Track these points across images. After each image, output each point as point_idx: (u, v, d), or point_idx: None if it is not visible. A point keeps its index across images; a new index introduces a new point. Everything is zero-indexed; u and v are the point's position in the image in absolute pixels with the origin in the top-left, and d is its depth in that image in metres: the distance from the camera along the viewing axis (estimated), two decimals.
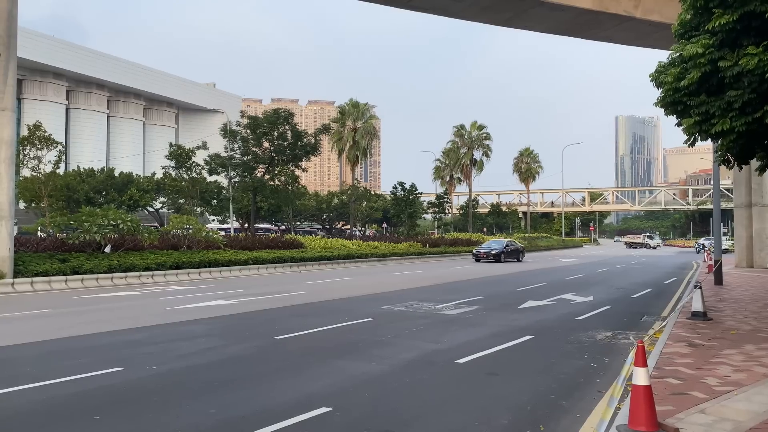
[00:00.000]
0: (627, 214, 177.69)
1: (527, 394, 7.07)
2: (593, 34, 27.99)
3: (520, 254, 41.08)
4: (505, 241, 41.39)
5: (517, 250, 40.88)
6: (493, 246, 39.66)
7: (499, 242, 41.37)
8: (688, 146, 11.50)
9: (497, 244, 40.01)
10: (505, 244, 40.05)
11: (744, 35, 9.22)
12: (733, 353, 8.71)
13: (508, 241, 41.69)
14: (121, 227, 24.26)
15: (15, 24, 19.55)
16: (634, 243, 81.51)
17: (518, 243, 43.91)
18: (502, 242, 41.05)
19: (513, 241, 43.30)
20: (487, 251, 38.08)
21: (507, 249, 39.35)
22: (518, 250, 40.93)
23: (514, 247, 40.98)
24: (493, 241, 42.59)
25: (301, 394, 6.97)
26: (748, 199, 30.47)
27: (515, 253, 40.26)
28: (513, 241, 43.30)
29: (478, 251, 38.68)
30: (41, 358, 8.90)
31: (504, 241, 42.20)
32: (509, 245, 40.41)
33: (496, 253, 37.70)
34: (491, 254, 37.56)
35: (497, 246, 39.45)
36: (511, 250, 40.02)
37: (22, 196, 42.17)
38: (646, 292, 19.62)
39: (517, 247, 41.60)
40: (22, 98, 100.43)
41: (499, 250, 38.38)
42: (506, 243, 40.57)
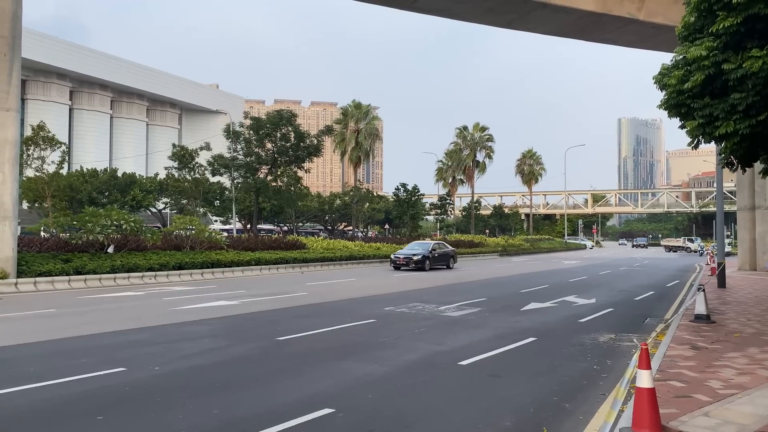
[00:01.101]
0: (629, 217, 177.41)
1: (530, 396, 7.07)
2: (596, 37, 27.98)
3: (451, 260, 34.30)
4: (430, 244, 34.17)
5: (446, 254, 34.19)
6: (416, 250, 32.40)
7: (423, 245, 34.20)
8: (692, 148, 11.48)
9: (421, 248, 32.86)
10: (431, 248, 32.91)
11: (748, 38, 9.21)
12: (737, 356, 8.69)
13: (435, 243, 34.76)
14: (124, 228, 24.29)
15: (19, 25, 19.60)
16: (674, 247, 74.92)
17: (448, 246, 36.61)
18: (428, 245, 33.88)
19: (443, 243, 36.57)
20: (408, 257, 31.15)
21: (433, 253, 32.51)
22: (448, 255, 34.31)
23: (443, 251, 34.12)
24: (416, 244, 35.35)
25: (304, 395, 6.97)
26: (751, 202, 30.39)
27: (444, 258, 33.66)
28: (443, 243, 36.57)
29: (397, 257, 31.63)
30: (44, 357, 8.92)
31: (429, 243, 34.92)
32: (437, 248, 33.55)
33: (418, 259, 30.82)
34: (412, 260, 30.74)
35: (421, 250, 32.34)
36: (440, 254, 33.33)
37: (26, 197, 42.25)
38: (648, 295, 19.59)
39: (447, 250, 34.75)
40: (26, 99, 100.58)
41: (423, 254, 31.42)
42: (432, 246, 33.46)
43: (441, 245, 34.97)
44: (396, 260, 31.37)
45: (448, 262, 33.87)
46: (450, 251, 34.88)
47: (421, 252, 31.73)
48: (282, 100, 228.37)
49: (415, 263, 30.68)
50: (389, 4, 25.27)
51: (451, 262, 34.18)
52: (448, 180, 76.81)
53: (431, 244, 34.19)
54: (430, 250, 32.38)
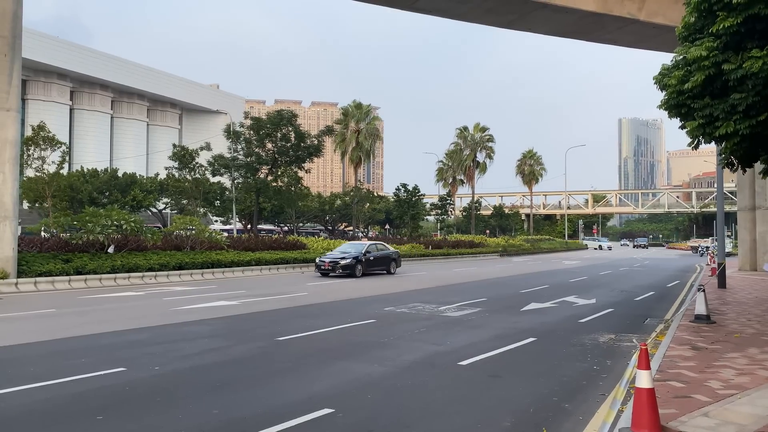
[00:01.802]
0: (630, 217, 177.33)
1: (530, 397, 7.07)
2: (597, 37, 27.98)
3: (392, 263, 29.06)
4: (365, 245, 28.92)
5: (386, 257, 28.98)
6: (347, 252, 27.55)
7: (357, 246, 28.97)
8: (692, 149, 11.48)
9: (353, 249, 27.93)
10: (365, 249, 27.82)
11: (748, 38, 9.21)
12: (737, 356, 8.69)
13: (371, 244, 29.42)
14: (125, 228, 24.31)
15: (20, 25, 19.62)
16: (699, 247, 69.35)
17: (389, 247, 31.25)
18: (361, 246, 28.67)
19: (382, 244, 30.88)
20: (334, 260, 26.32)
21: (368, 256, 27.44)
22: (388, 258, 29.02)
23: (382, 253, 28.94)
24: (349, 245, 30.05)
25: (304, 395, 6.98)
26: (752, 202, 30.38)
27: (382, 261, 28.62)
28: (382, 244, 30.88)
29: (322, 261, 26.76)
30: (44, 357, 8.92)
31: (364, 243, 29.56)
32: (373, 250, 28.36)
33: (346, 264, 26.10)
34: (339, 265, 26.01)
35: (353, 252, 27.45)
36: (377, 257, 28.24)
37: (26, 197, 42.31)
38: (649, 295, 19.59)
39: (387, 252, 29.40)
40: (26, 99, 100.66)
41: (354, 258, 26.61)
42: (367, 247, 28.27)
43: (379, 246, 29.84)
44: (321, 265, 26.46)
45: (389, 266, 28.78)
46: (391, 253, 29.66)
47: (352, 255, 26.95)
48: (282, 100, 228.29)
49: (343, 268, 25.90)
50: (390, 4, 25.28)
51: (393, 266, 29.02)
52: (448, 180, 76.84)
53: (366, 245, 28.93)
54: (364, 252, 27.45)
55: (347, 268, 25.93)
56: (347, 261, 26.20)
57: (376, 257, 28.13)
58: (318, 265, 26.74)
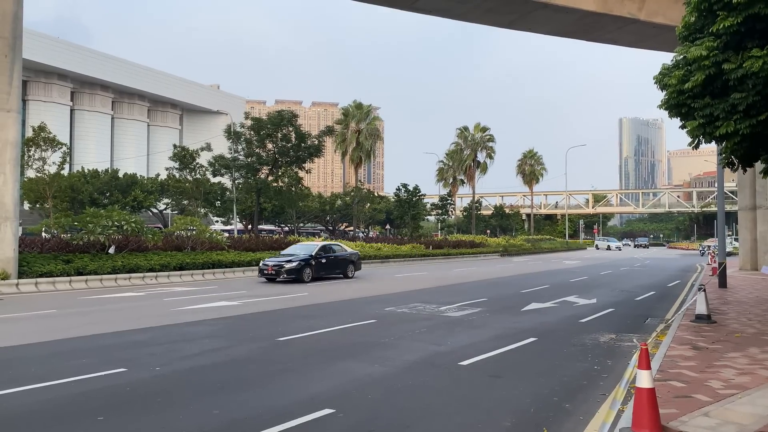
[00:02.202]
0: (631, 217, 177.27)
1: (530, 397, 7.07)
2: (597, 37, 27.98)
3: (350, 266, 25.89)
4: (316, 246, 25.62)
5: (343, 259, 25.76)
6: (294, 255, 24.25)
7: (307, 247, 25.68)
8: (692, 148, 11.48)
9: (303, 251, 24.70)
10: (316, 251, 24.47)
11: (748, 38, 9.21)
12: (737, 356, 8.69)
13: (325, 245, 26.25)
14: (125, 228, 24.33)
15: (20, 26, 19.64)
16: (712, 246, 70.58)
17: (346, 248, 27.86)
18: (312, 247, 25.43)
19: (338, 245, 27.57)
20: (279, 264, 22.96)
21: (319, 259, 24.20)
22: (345, 260, 25.85)
23: (337, 255, 25.66)
24: (300, 246, 26.62)
25: (304, 395, 6.98)
26: (753, 202, 30.37)
27: (338, 264, 25.42)
28: (338, 245, 27.57)
29: (266, 264, 23.32)
30: (46, 358, 8.93)
31: (316, 245, 26.28)
32: (325, 252, 25.04)
33: (292, 268, 22.77)
34: (283, 269, 22.72)
35: (302, 254, 24.21)
36: (330, 260, 24.95)
37: (27, 197, 42.36)
38: (649, 295, 19.58)
39: (343, 254, 26.21)
40: (27, 99, 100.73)
41: (303, 260, 23.35)
42: (319, 249, 24.94)
43: (335, 247, 26.52)
44: (264, 269, 23.18)
45: (345, 269, 25.65)
46: (348, 255, 26.42)
47: (299, 257, 23.62)
48: (283, 101, 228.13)
49: (288, 273, 22.66)
50: (390, 4, 25.29)
51: (351, 270, 25.86)
52: (449, 180, 76.84)
53: (317, 246, 25.59)
54: (314, 254, 24.16)
55: (292, 272, 22.69)
56: (293, 265, 22.88)
57: (329, 260, 24.90)
58: (261, 270, 23.41)
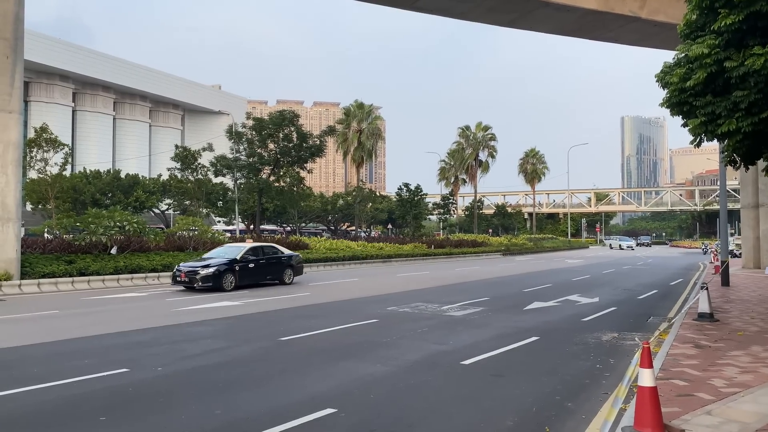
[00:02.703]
0: (633, 215, 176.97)
1: (532, 396, 7.06)
2: (599, 35, 27.92)
3: (287, 270, 21.99)
4: (242, 248, 21.11)
5: (277, 263, 21.73)
6: (215, 258, 20.35)
7: (231, 250, 21.46)
8: (694, 147, 11.46)
9: (227, 254, 20.71)
10: (242, 253, 20.47)
11: (750, 35, 9.18)
12: (740, 354, 8.67)
13: (252, 247, 21.44)
14: (127, 229, 24.35)
15: (21, 27, 19.66)
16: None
17: (283, 250, 23.12)
18: (237, 250, 21.09)
19: (274, 247, 22.75)
20: (193, 270, 19.19)
21: (246, 264, 20.27)
22: (281, 264, 21.83)
23: (269, 259, 21.54)
24: (225, 248, 22.42)
25: (306, 395, 6.98)
26: (755, 200, 30.30)
27: (270, 269, 21.46)
28: (274, 247, 22.75)
29: (179, 270, 19.59)
30: (48, 358, 8.95)
31: (243, 246, 21.63)
32: (253, 255, 20.88)
33: (209, 274, 18.94)
34: (199, 276, 18.90)
35: (224, 257, 20.22)
36: (260, 264, 20.94)
37: (29, 198, 42.42)
38: (652, 294, 19.55)
39: (279, 257, 21.97)
40: (28, 100, 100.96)
41: (224, 265, 19.48)
42: (246, 251, 20.73)
43: (267, 249, 22.11)
44: (177, 275, 19.49)
45: (281, 274, 21.70)
46: (286, 258, 22.30)
47: (219, 262, 19.72)
48: (284, 101, 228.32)
49: (204, 280, 18.87)
50: (391, 3, 25.25)
51: (288, 275, 21.98)
52: (450, 179, 76.81)
53: (244, 248, 21.18)
54: (240, 257, 20.19)
55: (209, 279, 18.90)
56: (209, 270, 19.07)
57: (259, 264, 20.91)
58: (174, 276, 19.74)
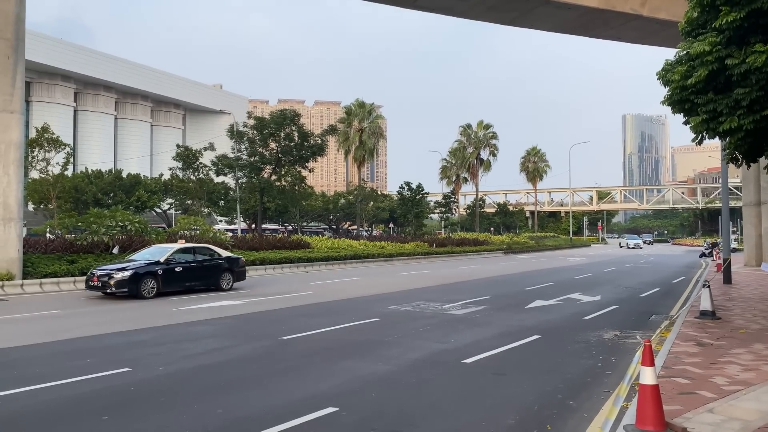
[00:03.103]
0: (635, 213, 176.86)
1: (534, 394, 7.06)
2: (600, 33, 27.85)
3: (225, 275, 19.27)
4: (170, 248, 18.70)
5: (212, 266, 19.08)
6: (137, 260, 17.95)
7: (157, 251, 18.72)
8: (696, 144, 11.45)
9: (151, 256, 18.25)
10: (168, 255, 18.02)
11: (751, 33, 9.16)
12: (742, 352, 8.67)
13: (182, 248, 18.98)
14: (129, 228, 24.41)
15: (23, 27, 19.67)
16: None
17: (223, 252, 20.36)
18: (163, 251, 18.55)
19: (210, 249, 20.12)
20: (107, 273, 16.81)
21: (171, 267, 17.78)
22: (216, 267, 19.15)
23: (206, 262, 19.02)
24: (152, 249, 19.41)
25: (308, 394, 6.98)
26: (757, 198, 30.26)
27: (204, 273, 18.82)
28: (210, 249, 20.12)
29: (92, 273, 17.31)
30: (50, 358, 8.96)
31: (170, 247, 19.03)
32: (182, 258, 18.49)
33: (123, 278, 16.59)
34: (112, 280, 16.52)
35: (145, 260, 17.92)
36: (190, 267, 18.42)
37: (31, 198, 42.47)
38: (654, 292, 19.53)
39: (214, 260, 19.25)
40: (30, 101, 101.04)
41: (142, 268, 17.15)
42: (174, 252, 18.35)
43: (199, 251, 19.44)
44: (89, 279, 17.27)
45: (217, 279, 19.08)
46: (224, 260, 19.56)
47: (139, 264, 17.43)
48: (286, 100, 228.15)
49: (118, 285, 16.56)
50: (392, 2, 25.21)
51: (227, 280, 19.34)
52: (452, 178, 76.77)
53: (172, 248, 18.68)
54: (165, 259, 17.74)
55: (123, 284, 16.57)
56: (125, 275, 16.69)
57: (189, 267, 18.42)
58: (87, 281, 17.55)
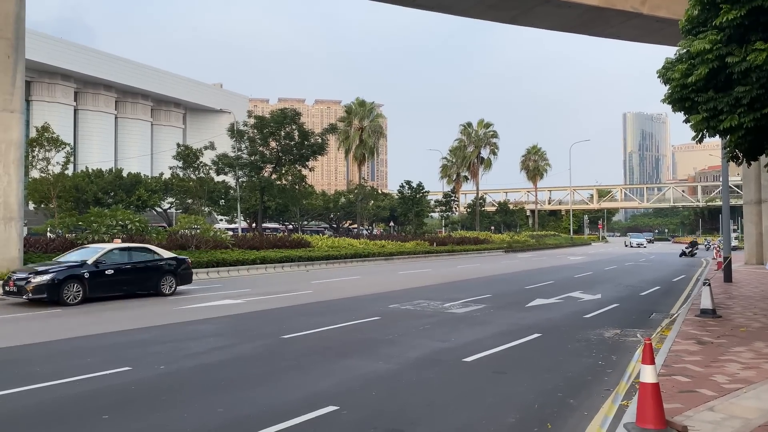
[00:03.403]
0: (635, 212, 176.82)
1: (534, 393, 7.06)
2: (600, 31, 27.83)
3: (165, 279, 17.25)
4: (101, 249, 16.49)
5: (152, 269, 17.08)
6: (71, 261, 16.04)
7: (88, 252, 16.67)
8: (696, 143, 11.45)
9: (79, 257, 16.26)
10: (97, 256, 15.91)
11: (752, 31, 9.16)
12: (743, 350, 8.67)
13: (115, 248, 16.81)
14: (130, 227, 24.41)
15: (23, 26, 19.67)
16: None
17: (163, 252, 18.04)
18: (92, 252, 16.42)
19: (149, 249, 18.02)
20: (23, 279, 14.98)
21: (100, 270, 15.73)
22: (155, 270, 17.12)
23: (142, 264, 16.95)
24: (86, 249, 17.37)
25: (309, 392, 6.99)
26: (758, 196, 30.24)
27: (139, 276, 16.81)
28: (149, 249, 18.02)
29: (9, 277, 15.54)
30: (50, 357, 8.96)
31: (101, 248, 16.74)
32: (114, 258, 16.41)
33: (43, 283, 14.71)
34: (31, 285, 14.68)
35: (71, 261, 16.04)
36: (122, 270, 16.37)
37: (31, 198, 42.41)
38: (654, 290, 19.53)
39: (155, 261, 17.24)
40: (30, 100, 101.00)
41: (64, 272, 15.18)
42: (104, 253, 16.22)
43: (135, 252, 17.31)
44: (6, 284, 15.58)
45: (157, 282, 17.06)
46: (165, 263, 17.49)
47: (60, 268, 15.37)
48: (286, 99, 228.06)
49: (36, 290, 14.69)
50: (392, 1, 25.20)
51: (169, 284, 17.34)
52: (452, 177, 76.73)
53: (102, 249, 16.42)
54: (93, 262, 15.66)
55: (42, 289, 14.67)
56: (44, 279, 14.78)
57: (123, 270, 16.37)
58: (3, 285, 15.92)
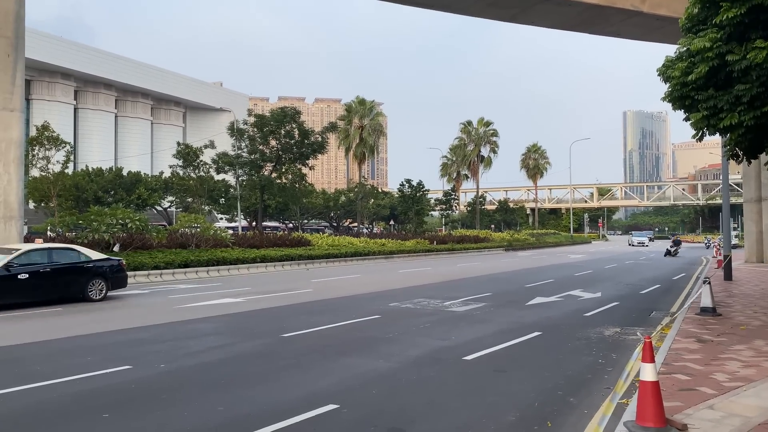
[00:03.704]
0: (636, 210, 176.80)
1: (535, 391, 7.07)
2: (600, 30, 27.81)
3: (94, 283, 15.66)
4: (17, 251, 14.56)
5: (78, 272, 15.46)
6: None
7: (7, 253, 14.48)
8: (697, 141, 11.44)
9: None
10: (9, 259, 14.09)
11: (752, 29, 9.14)
12: (743, 349, 8.67)
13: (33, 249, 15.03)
14: (130, 226, 24.40)
15: (22, 25, 19.66)
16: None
17: (92, 254, 16.33)
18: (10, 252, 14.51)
19: (72, 249, 16.27)
20: None
21: (14, 274, 14.00)
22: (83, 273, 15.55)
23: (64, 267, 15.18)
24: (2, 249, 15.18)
25: (309, 391, 6.99)
26: (758, 194, 30.23)
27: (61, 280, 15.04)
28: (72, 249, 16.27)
29: None
30: (50, 356, 8.96)
31: (18, 248, 14.80)
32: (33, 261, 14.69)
33: None
34: None
35: None
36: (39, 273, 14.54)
37: (32, 196, 42.45)
38: (654, 288, 19.53)
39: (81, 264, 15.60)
40: (30, 99, 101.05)
41: None
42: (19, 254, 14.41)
43: (57, 253, 15.49)
44: None
45: (83, 288, 15.42)
46: (93, 265, 15.84)
47: None
48: (286, 97, 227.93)
49: None
50: None
51: (98, 289, 15.73)
52: (452, 175, 76.66)
53: (18, 251, 14.60)
54: (4, 265, 13.93)
55: None
56: None
57: (41, 274, 14.62)
58: None
